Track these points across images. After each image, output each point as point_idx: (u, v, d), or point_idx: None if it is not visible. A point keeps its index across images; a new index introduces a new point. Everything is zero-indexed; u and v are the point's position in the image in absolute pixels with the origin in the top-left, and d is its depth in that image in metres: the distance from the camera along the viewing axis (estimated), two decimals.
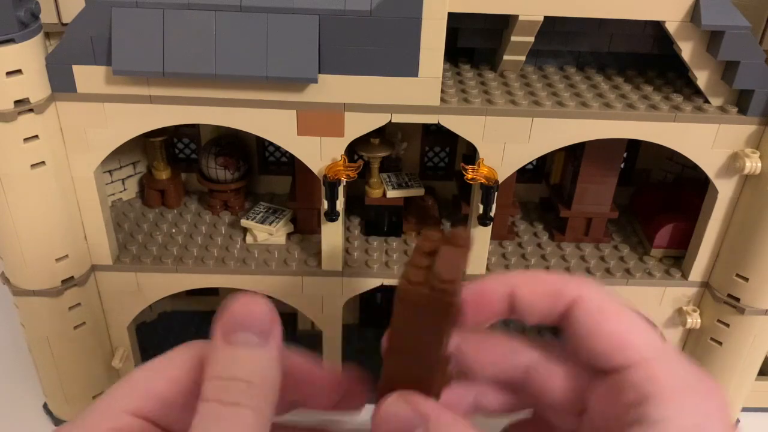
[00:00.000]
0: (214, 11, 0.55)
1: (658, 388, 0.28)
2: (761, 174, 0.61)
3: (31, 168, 0.58)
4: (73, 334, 0.69)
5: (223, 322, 0.28)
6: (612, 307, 0.31)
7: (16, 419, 0.76)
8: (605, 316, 0.31)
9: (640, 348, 0.30)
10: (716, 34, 0.58)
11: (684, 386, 0.29)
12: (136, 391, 0.30)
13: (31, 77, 0.56)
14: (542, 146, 0.62)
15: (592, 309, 0.31)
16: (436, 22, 0.55)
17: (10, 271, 0.65)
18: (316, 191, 0.68)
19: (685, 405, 0.28)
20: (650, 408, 0.28)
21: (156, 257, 0.70)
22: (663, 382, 0.29)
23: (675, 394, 0.28)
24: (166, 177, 0.77)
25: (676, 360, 0.30)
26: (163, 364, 0.31)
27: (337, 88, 0.58)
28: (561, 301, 0.32)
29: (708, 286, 0.70)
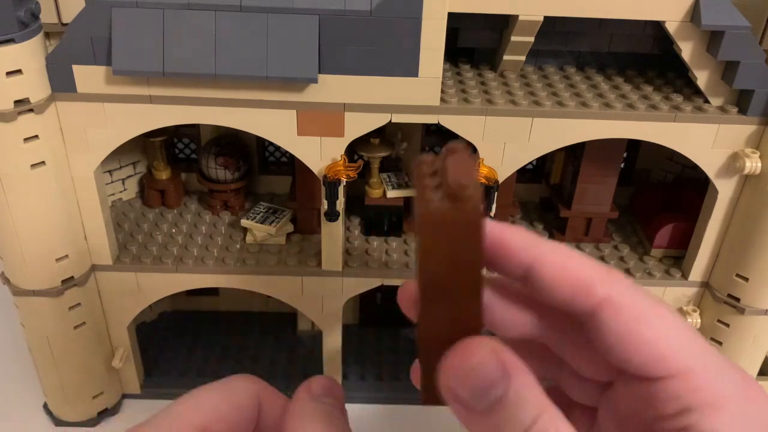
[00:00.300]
0: (214, 11, 0.55)
1: (704, 399, 0.26)
2: (761, 174, 0.61)
3: (31, 168, 0.58)
4: (73, 334, 0.69)
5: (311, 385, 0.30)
6: (647, 312, 0.28)
7: (16, 419, 0.76)
8: (640, 325, 0.28)
9: (681, 358, 0.27)
10: (716, 34, 0.58)
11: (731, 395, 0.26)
12: (204, 409, 0.31)
13: (31, 77, 0.56)
14: (542, 146, 0.62)
15: (625, 315, 0.28)
16: (436, 22, 0.55)
17: (11, 271, 0.65)
18: (316, 191, 0.68)
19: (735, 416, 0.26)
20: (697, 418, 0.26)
21: (156, 257, 0.70)
22: (710, 392, 0.26)
23: (724, 404, 0.26)
24: (166, 177, 0.77)
25: (720, 366, 0.27)
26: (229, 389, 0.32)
27: (337, 88, 0.58)
28: (588, 300, 0.29)
29: (708, 286, 0.70)
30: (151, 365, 0.81)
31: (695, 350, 0.27)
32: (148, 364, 0.80)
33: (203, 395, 0.31)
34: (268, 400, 0.32)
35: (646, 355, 0.27)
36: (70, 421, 0.75)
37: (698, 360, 0.27)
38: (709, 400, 0.26)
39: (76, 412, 0.75)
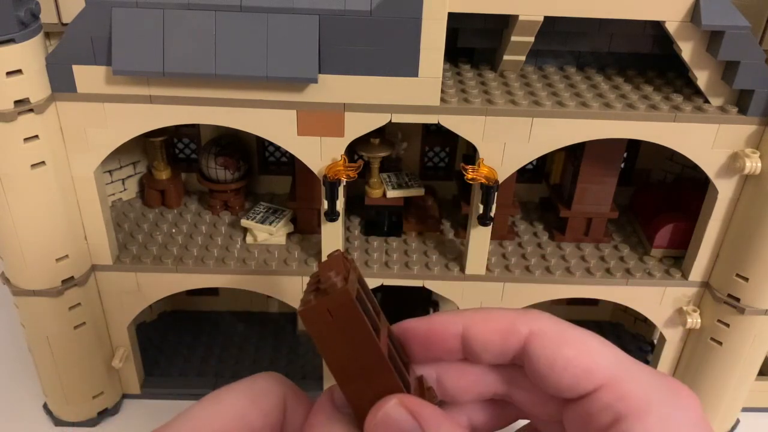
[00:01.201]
0: (214, 11, 0.55)
1: (632, 405, 0.28)
2: (761, 174, 0.61)
3: (32, 168, 0.58)
4: (74, 334, 0.69)
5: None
6: (567, 335, 0.31)
7: (17, 419, 0.76)
8: (562, 347, 0.30)
9: (604, 369, 0.29)
10: (716, 34, 0.58)
11: (658, 399, 0.28)
12: (229, 414, 0.31)
13: (31, 77, 0.56)
14: (542, 146, 0.62)
15: (548, 342, 0.30)
16: (436, 22, 0.55)
17: (11, 271, 0.65)
18: (316, 191, 0.68)
19: (663, 417, 0.27)
20: (628, 425, 0.27)
21: (156, 257, 0.70)
22: (636, 398, 0.28)
23: (651, 408, 0.28)
24: (166, 177, 0.78)
25: (644, 374, 0.29)
26: (254, 392, 0.31)
27: (337, 88, 0.58)
28: (514, 338, 0.31)
29: (708, 286, 0.70)
30: (151, 365, 0.81)
31: (617, 361, 0.29)
32: (148, 364, 0.80)
33: (228, 399, 0.31)
34: (293, 405, 0.32)
35: (573, 372, 0.29)
36: (70, 421, 0.75)
37: (622, 369, 0.29)
38: (637, 406, 0.28)
39: (76, 412, 0.75)
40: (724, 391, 0.73)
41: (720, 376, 0.72)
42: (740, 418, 0.79)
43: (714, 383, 0.73)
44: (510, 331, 0.31)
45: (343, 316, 0.27)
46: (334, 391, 0.30)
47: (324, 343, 0.28)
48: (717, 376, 0.72)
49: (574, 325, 0.31)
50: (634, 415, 0.28)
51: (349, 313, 0.27)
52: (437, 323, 0.33)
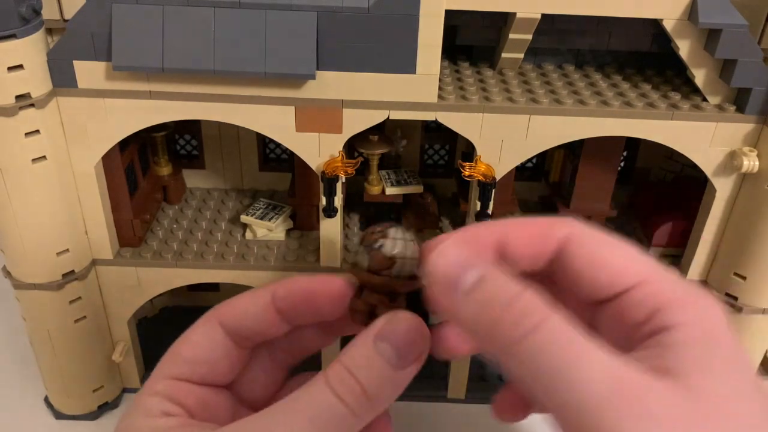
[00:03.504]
0: (213, 7, 0.55)
1: (666, 299, 0.29)
2: (759, 172, 0.61)
3: (32, 162, 0.59)
4: (74, 328, 0.69)
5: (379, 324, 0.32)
6: (605, 238, 0.32)
7: (18, 412, 0.77)
8: (601, 247, 0.31)
9: (640, 269, 0.30)
10: (714, 32, 0.58)
11: (690, 296, 0.29)
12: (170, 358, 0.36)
13: (32, 72, 0.56)
14: (539, 144, 0.62)
15: (587, 242, 0.32)
16: (433, 19, 0.55)
17: (12, 264, 0.66)
18: (315, 188, 0.68)
19: (696, 310, 0.29)
20: (665, 316, 0.28)
21: (156, 252, 0.71)
22: (669, 293, 0.29)
23: (686, 303, 0.29)
24: (167, 173, 0.78)
25: (676, 277, 0.31)
26: (186, 334, 0.37)
27: (335, 85, 0.58)
28: (551, 241, 0.32)
29: (706, 284, 0.70)
30: (152, 360, 0.81)
31: (649, 265, 0.31)
32: (148, 358, 0.81)
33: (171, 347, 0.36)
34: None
35: (611, 271, 0.31)
36: (71, 414, 0.76)
37: (654, 271, 0.31)
38: (670, 299, 0.29)
39: (77, 406, 0.75)
40: None
41: None
42: None
43: None
44: (547, 233, 0.32)
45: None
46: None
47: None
48: None
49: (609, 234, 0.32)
50: (671, 307, 0.28)
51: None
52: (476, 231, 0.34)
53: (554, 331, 0.26)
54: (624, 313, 0.30)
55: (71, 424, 0.76)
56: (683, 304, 0.29)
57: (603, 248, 0.32)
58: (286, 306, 0.36)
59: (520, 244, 0.33)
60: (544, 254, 0.33)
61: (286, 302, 0.36)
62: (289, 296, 0.36)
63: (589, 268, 0.31)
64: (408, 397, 0.75)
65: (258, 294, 0.37)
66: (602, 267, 0.31)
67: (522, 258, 0.33)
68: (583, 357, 0.25)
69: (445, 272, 0.29)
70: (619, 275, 0.31)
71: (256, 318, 0.36)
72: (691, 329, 0.28)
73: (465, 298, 0.28)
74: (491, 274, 0.29)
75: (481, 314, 0.28)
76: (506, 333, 0.27)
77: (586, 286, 0.32)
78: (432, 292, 0.30)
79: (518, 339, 0.26)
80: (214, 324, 0.36)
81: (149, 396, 0.34)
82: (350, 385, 0.30)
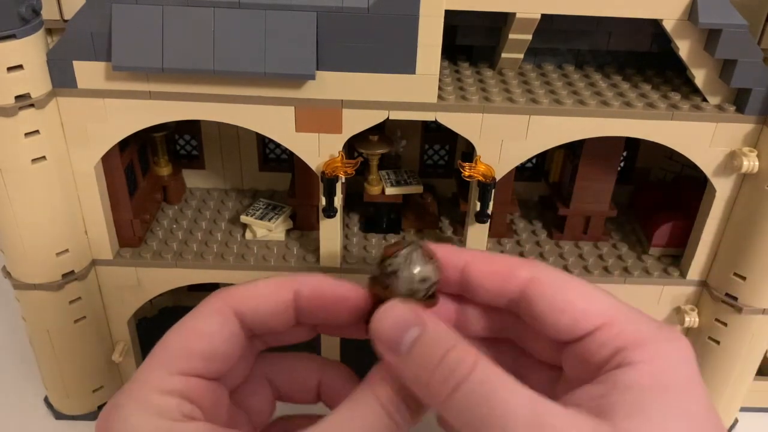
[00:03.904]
0: (212, 8, 0.55)
1: (630, 339, 0.30)
2: (759, 173, 0.61)
3: (32, 162, 0.59)
4: (74, 328, 0.69)
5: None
6: (568, 281, 0.33)
7: (18, 412, 0.77)
8: (562, 291, 0.32)
9: (602, 311, 0.31)
10: (714, 32, 0.58)
11: (654, 336, 0.30)
12: (179, 353, 0.32)
13: (32, 73, 0.56)
14: (539, 144, 0.62)
15: (549, 286, 0.33)
16: (433, 19, 0.55)
17: (12, 264, 0.66)
18: (315, 188, 0.68)
19: (658, 349, 0.30)
20: (628, 354, 0.29)
21: (156, 252, 0.71)
22: (632, 333, 0.30)
23: (647, 342, 0.30)
24: (167, 173, 0.78)
25: (640, 316, 0.32)
26: (195, 323, 0.33)
27: (335, 85, 0.58)
28: (513, 282, 0.33)
29: (706, 285, 0.70)
30: None
31: (611, 305, 0.32)
32: None
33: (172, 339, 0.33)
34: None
35: (572, 314, 0.32)
36: (71, 414, 0.76)
37: (616, 311, 0.32)
38: (632, 339, 0.30)
39: (77, 406, 0.75)
40: (722, 390, 0.73)
41: (718, 376, 0.72)
42: (738, 417, 0.78)
43: (712, 383, 0.73)
44: (510, 274, 0.33)
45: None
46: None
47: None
48: (715, 375, 0.72)
49: (571, 275, 0.34)
50: (631, 346, 0.30)
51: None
52: (441, 251, 0.35)
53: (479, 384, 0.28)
54: (588, 353, 0.31)
55: (71, 424, 0.76)
56: (643, 344, 0.30)
57: (564, 292, 0.32)
58: (307, 306, 0.35)
59: (482, 278, 0.34)
60: (505, 294, 0.34)
61: (308, 303, 0.35)
62: (314, 299, 0.35)
63: (551, 313, 0.32)
64: None
65: (278, 290, 0.35)
66: (563, 312, 0.32)
67: (482, 291, 0.34)
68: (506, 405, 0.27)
69: (387, 335, 0.31)
70: (580, 319, 0.32)
71: (275, 314, 0.35)
72: (642, 371, 0.29)
73: (405, 359, 0.30)
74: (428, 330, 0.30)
75: (418, 374, 0.30)
76: (437, 390, 0.29)
77: (549, 328, 0.33)
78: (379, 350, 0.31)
79: (447, 395, 0.28)
80: (229, 315, 0.34)
81: (161, 395, 0.31)
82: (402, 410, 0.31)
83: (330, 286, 0.35)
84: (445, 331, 0.30)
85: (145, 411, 0.30)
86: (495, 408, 0.27)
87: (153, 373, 0.32)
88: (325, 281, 0.35)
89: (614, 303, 0.32)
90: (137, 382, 0.32)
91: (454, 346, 0.29)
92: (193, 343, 0.33)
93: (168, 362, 0.32)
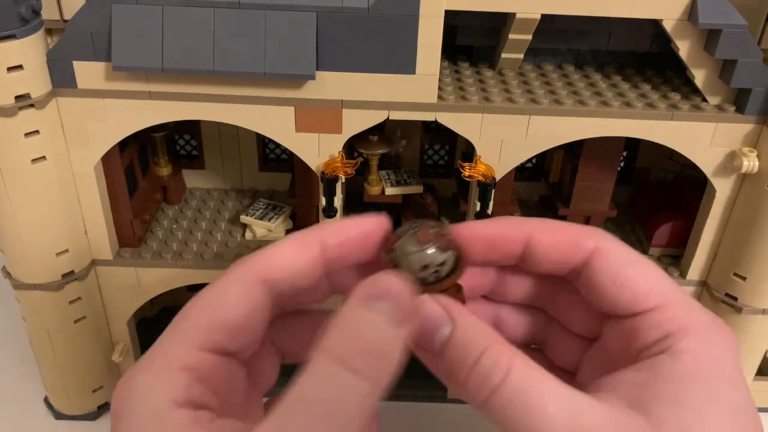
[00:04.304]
0: (212, 8, 0.55)
1: (679, 325, 0.30)
2: (758, 173, 0.61)
3: (32, 162, 0.59)
4: (74, 328, 0.69)
5: (366, 287, 0.28)
6: (632, 256, 0.33)
7: (18, 412, 0.77)
8: (628, 266, 0.32)
9: (662, 293, 0.31)
10: (713, 32, 0.58)
11: (703, 325, 0.30)
12: (203, 326, 0.30)
13: (31, 73, 0.56)
14: (539, 144, 0.62)
15: (614, 258, 0.32)
16: (433, 20, 0.55)
17: (12, 265, 0.66)
18: (315, 188, 0.68)
19: (706, 340, 0.30)
20: (675, 341, 0.30)
21: (156, 252, 0.71)
22: (685, 321, 0.30)
23: (697, 331, 0.30)
24: (167, 173, 0.78)
25: (695, 304, 0.32)
26: (219, 294, 0.31)
27: (335, 85, 0.58)
28: (579, 251, 0.33)
29: (706, 285, 0.70)
30: None
31: (670, 288, 0.32)
32: None
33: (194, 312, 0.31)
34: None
35: (633, 291, 0.32)
36: (71, 414, 0.76)
37: (673, 295, 0.32)
38: (683, 326, 0.30)
39: (77, 406, 0.75)
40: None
41: None
42: None
43: None
44: (576, 243, 0.33)
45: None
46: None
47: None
48: None
49: (634, 250, 0.34)
50: (680, 333, 0.30)
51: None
52: (504, 227, 0.34)
53: (515, 388, 0.28)
54: (638, 332, 0.31)
55: (71, 424, 0.76)
56: (693, 332, 0.30)
57: (629, 267, 0.32)
58: (336, 255, 0.32)
59: (547, 248, 0.33)
60: (570, 263, 0.33)
61: (337, 250, 0.32)
62: (341, 245, 0.32)
63: (612, 286, 0.32)
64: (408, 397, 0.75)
65: (303, 246, 0.32)
66: (626, 287, 0.32)
67: (546, 262, 0.34)
68: (542, 408, 0.27)
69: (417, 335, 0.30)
70: (641, 297, 0.31)
71: (304, 272, 0.32)
72: (686, 361, 0.29)
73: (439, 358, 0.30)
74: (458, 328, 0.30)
75: (453, 374, 0.29)
76: (475, 393, 0.29)
77: (606, 301, 0.32)
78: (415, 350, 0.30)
79: (485, 398, 0.28)
80: (256, 284, 0.31)
81: (176, 372, 0.29)
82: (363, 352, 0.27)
83: (353, 226, 0.33)
84: (478, 328, 0.30)
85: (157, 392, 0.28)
86: (531, 410, 0.27)
87: (172, 346, 0.30)
88: (346, 224, 0.33)
89: (674, 287, 0.32)
90: (156, 354, 0.30)
91: (489, 347, 0.29)
92: (217, 314, 0.30)
93: (190, 335, 0.30)
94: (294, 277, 0.32)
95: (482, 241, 0.34)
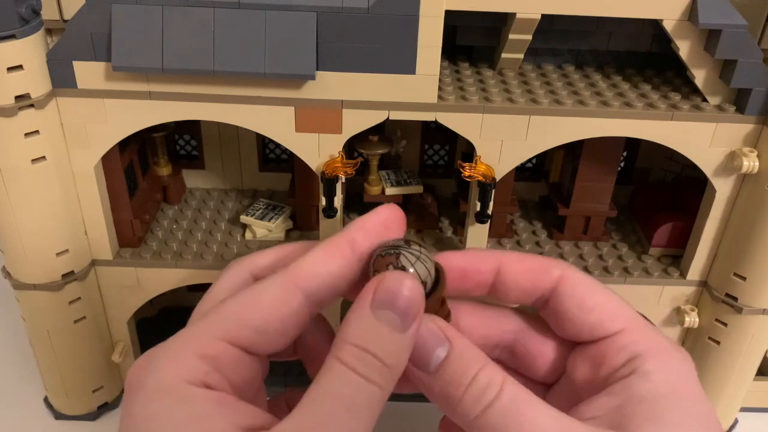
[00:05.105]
0: (212, 8, 0.55)
1: (645, 347, 0.32)
2: (759, 173, 0.61)
3: (32, 163, 0.59)
4: (74, 329, 0.69)
5: (376, 294, 0.30)
6: (596, 285, 0.35)
7: (17, 412, 0.77)
8: (592, 291, 0.34)
9: (626, 317, 0.33)
10: (714, 32, 0.58)
11: (665, 346, 0.33)
12: (231, 321, 0.31)
13: (31, 73, 0.56)
14: (539, 144, 0.62)
15: (579, 285, 0.34)
16: (433, 20, 0.55)
17: (12, 265, 0.66)
18: (315, 188, 0.68)
19: (668, 362, 0.32)
20: (641, 362, 0.31)
21: (156, 252, 0.71)
22: (648, 343, 0.32)
23: (661, 352, 0.32)
24: (167, 173, 0.78)
25: (653, 328, 0.34)
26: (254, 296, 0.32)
27: (335, 85, 0.58)
28: (547, 277, 0.35)
29: (706, 285, 0.70)
30: None
31: (632, 313, 0.34)
32: None
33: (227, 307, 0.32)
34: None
35: (599, 315, 0.34)
36: (71, 414, 0.76)
37: (635, 320, 0.34)
38: (647, 347, 0.32)
39: (77, 406, 0.75)
40: (723, 390, 0.73)
41: (718, 376, 0.72)
42: (739, 418, 0.78)
43: (712, 383, 0.73)
44: (543, 271, 0.35)
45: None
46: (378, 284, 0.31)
47: None
48: (715, 375, 0.72)
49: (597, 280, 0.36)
50: (646, 354, 0.32)
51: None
52: (474, 256, 0.36)
53: (508, 405, 0.29)
54: (605, 356, 0.33)
55: (71, 425, 0.76)
56: (657, 354, 0.32)
57: (594, 293, 0.34)
58: (366, 248, 0.33)
59: (517, 274, 0.35)
60: (537, 290, 0.35)
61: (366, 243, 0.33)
62: (368, 238, 0.33)
63: (578, 311, 0.34)
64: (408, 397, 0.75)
65: (332, 250, 0.33)
66: (592, 311, 0.34)
67: (515, 289, 0.35)
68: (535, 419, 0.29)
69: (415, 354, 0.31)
70: (607, 320, 0.33)
71: (342, 274, 0.33)
72: (657, 381, 0.31)
73: (433, 377, 0.31)
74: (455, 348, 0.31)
75: (448, 392, 0.31)
76: (468, 410, 0.30)
77: (573, 326, 0.34)
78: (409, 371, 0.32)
79: (477, 415, 0.30)
80: (295, 291, 0.32)
81: (196, 358, 0.30)
82: (369, 362, 0.29)
83: (372, 215, 0.34)
84: (473, 349, 0.31)
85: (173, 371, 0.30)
86: (525, 425, 0.29)
87: (198, 333, 0.31)
88: (368, 217, 0.34)
89: (635, 313, 0.34)
90: (178, 339, 0.31)
91: (484, 366, 0.30)
92: (248, 313, 0.31)
93: (217, 326, 0.31)
94: (332, 279, 0.33)
95: (455, 270, 0.35)
